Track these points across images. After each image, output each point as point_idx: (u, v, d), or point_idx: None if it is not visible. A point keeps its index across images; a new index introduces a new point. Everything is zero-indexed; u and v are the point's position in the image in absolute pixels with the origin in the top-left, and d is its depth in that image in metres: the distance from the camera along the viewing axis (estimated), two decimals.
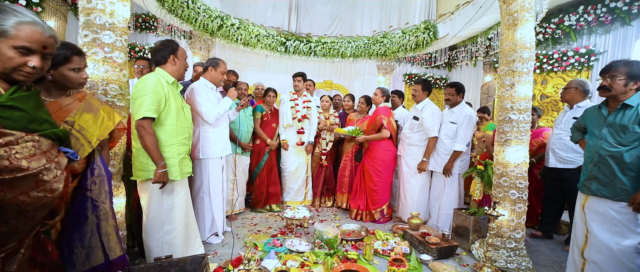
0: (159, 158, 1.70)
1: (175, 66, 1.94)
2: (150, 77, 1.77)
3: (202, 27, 4.53)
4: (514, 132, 2.34)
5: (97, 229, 1.53)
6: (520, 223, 2.34)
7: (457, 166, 2.94)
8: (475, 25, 4.00)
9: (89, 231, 1.50)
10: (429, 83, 3.18)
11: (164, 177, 1.71)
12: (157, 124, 1.80)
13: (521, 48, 2.31)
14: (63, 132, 1.13)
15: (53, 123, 1.11)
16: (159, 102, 1.75)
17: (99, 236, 1.54)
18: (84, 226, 1.48)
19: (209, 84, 2.55)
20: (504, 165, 2.38)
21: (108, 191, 1.55)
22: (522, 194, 2.32)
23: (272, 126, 3.63)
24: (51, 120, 1.11)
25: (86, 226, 1.49)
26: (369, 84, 6.49)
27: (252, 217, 3.37)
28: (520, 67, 2.32)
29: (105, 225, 1.56)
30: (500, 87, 2.45)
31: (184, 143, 1.95)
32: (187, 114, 2.00)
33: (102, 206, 1.54)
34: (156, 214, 1.87)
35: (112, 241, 1.59)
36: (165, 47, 1.88)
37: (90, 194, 1.48)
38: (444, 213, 3.02)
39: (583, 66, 4.27)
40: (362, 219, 3.41)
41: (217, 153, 2.58)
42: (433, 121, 3.00)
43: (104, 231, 1.56)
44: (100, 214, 1.54)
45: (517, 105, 2.34)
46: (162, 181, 1.72)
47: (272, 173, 3.62)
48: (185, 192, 2.01)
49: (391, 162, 3.32)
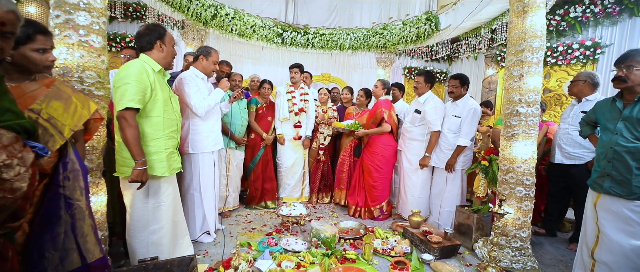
0: (139, 154, 1.56)
1: (162, 53, 1.78)
2: (134, 63, 1.62)
3: (195, 16, 4.35)
4: (522, 126, 2.22)
5: (71, 230, 1.40)
6: (527, 222, 2.24)
7: (460, 161, 2.83)
8: (479, 15, 3.86)
9: (62, 232, 1.36)
10: (432, 75, 3.05)
11: (143, 175, 1.57)
12: (143, 116, 1.66)
13: (531, 37, 2.18)
14: (30, 123, 0.99)
15: (18, 113, 0.97)
16: (144, 91, 1.60)
17: (75, 237, 1.41)
18: (57, 226, 1.35)
19: (199, 74, 2.40)
20: (511, 161, 2.26)
21: (84, 187, 1.41)
22: (529, 191, 2.21)
23: (267, 120, 3.49)
24: (16, 110, 0.97)
25: (59, 226, 1.35)
26: (368, 77, 6.34)
27: (246, 215, 3.25)
28: (529, 57, 2.19)
29: (81, 225, 1.43)
30: (508, 79, 2.32)
31: (172, 136, 1.80)
32: (175, 105, 1.86)
33: (77, 204, 1.40)
34: (141, 214, 1.74)
35: (89, 243, 1.46)
36: (151, 32, 1.73)
37: (63, 190, 1.34)
38: (445, 210, 2.92)
39: (588, 59, 4.16)
40: (360, 216, 3.30)
41: (208, 147, 2.44)
42: (436, 115, 2.87)
43: (80, 231, 1.42)
44: (75, 213, 1.40)
45: (526, 97, 2.22)
46: (141, 180, 1.57)
47: (268, 168, 3.49)
48: (174, 189, 1.88)
49: (391, 158, 3.20)
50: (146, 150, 1.66)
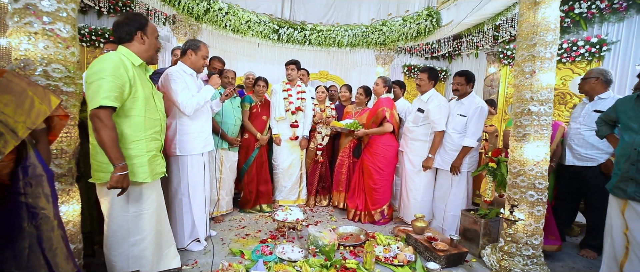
0: (118, 157, 1.39)
1: (144, 45, 1.61)
2: (110, 56, 1.44)
3: (187, 10, 4.16)
4: (534, 125, 2.08)
5: (38, 244, 1.23)
6: (539, 228, 2.09)
7: (465, 163, 2.68)
8: (483, 10, 3.73)
9: (26, 247, 1.19)
10: (435, 71, 2.89)
11: (123, 181, 1.40)
12: (121, 115, 1.49)
13: (544, 30, 2.03)
14: None
15: None
16: (121, 88, 1.42)
17: (42, 252, 1.23)
18: (19, 240, 1.17)
19: (187, 70, 2.23)
20: (522, 163, 2.12)
21: (50, 193, 1.24)
22: (541, 195, 2.07)
23: (262, 119, 3.31)
24: None
25: (22, 240, 1.18)
26: (366, 75, 6.18)
27: (240, 219, 3.08)
28: (542, 51, 2.05)
29: (49, 237, 1.26)
30: (518, 75, 2.18)
31: (155, 138, 1.63)
32: (158, 103, 1.68)
33: (43, 213, 1.23)
34: (120, 223, 1.56)
35: (59, 257, 1.29)
36: (130, 22, 1.55)
37: (25, 199, 1.17)
38: (450, 214, 2.77)
39: (594, 57, 4.03)
40: (360, 220, 3.15)
41: (198, 149, 2.27)
42: (440, 114, 2.72)
43: (48, 244, 1.25)
44: (40, 224, 1.23)
45: (538, 95, 2.07)
46: (121, 186, 1.40)
47: (263, 170, 3.32)
48: (157, 196, 1.71)
49: (393, 159, 3.05)
50: (125, 153, 1.49)
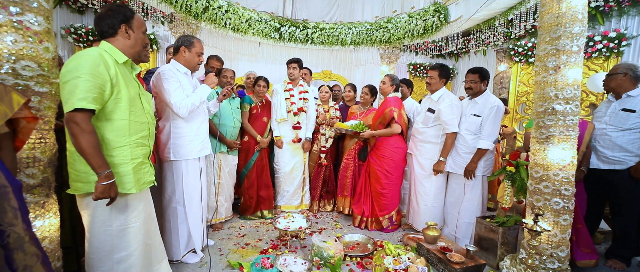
0: (102, 165, 1.23)
1: (129, 40, 1.45)
2: (88, 52, 1.29)
3: (185, 8, 4.01)
4: (559, 126, 1.89)
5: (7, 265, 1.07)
6: (565, 239, 1.91)
7: (480, 166, 2.50)
8: (494, 4, 3.53)
9: None
10: (447, 69, 2.71)
11: (110, 190, 1.25)
12: (102, 119, 1.33)
13: (570, 20, 1.84)
14: None
15: None
16: (101, 88, 1.27)
17: None
18: None
19: (181, 68, 2.07)
20: (545, 167, 1.93)
21: (18, 207, 1.08)
22: (568, 203, 1.88)
23: (262, 120, 3.15)
24: None
25: None
26: (371, 74, 6.01)
27: (240, 226, 2.92)
28: (568, 45, 1.86)
29: (21, 257, 1.10)
30: (541, 71, 1.99)
31: (142, 144, 1.47)
32: (146, 105, 1.52)
33: (11, 230, 1.08)
34: (103, 239, 1.41)
35: None
36: (113, 14, 1.40)
37: None
38: (463, 222, 2.59)
39: (612, 52, 3.82)
40: (367, 226, 2.98)
41: (193, 153, 2.11)
42: (452, 114, 2.54)
43: (20, 264, 1.10)
44: (9, 242, 1.07)
45: (564, 93, 1.88)
46: (108, 196, 1.25)
47: (263, 174, 3.16)
48: (145, 206, 1.55)
49: (401, 162, 2.87)
50: (108, 161, 1.33)
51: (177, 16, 4.32)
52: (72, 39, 4.36)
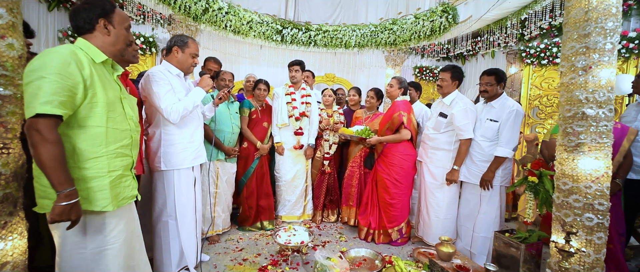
0: (63, 182, 1.06)
1: (110, 37, 1.29)
2: (59, 49, 1.12)
3: (183, 10, 3.88)
4: (591, 133, 1.69)
5: None
6: (599, 259, 1.70)
7: (498, 176, 2.30)
8: (507, 3, 3.35)
9: None
10: (459, 70, 2.52)
11: (70, 212, 1.07)
12: (74, 126, 1.16)
13: (603, 15, 1.66)
14: None
15: None
16: (71, 90, 1.10)
17: None
18: None
19: (173, 70, 1.91)
20: (574, 178, 1.73)
21: None
22: (603, 219, 1.68)
23: (263, 126, 2.98)
24: None
25: None
26: (375, 78, 5.84)
27: (238, 239, 2.74)
28: (601, 42, 1.67)
29: None
30: (568, 72, 1.80)
31: (123, 154, 1.30)
32: (129, 110, 1.35)
33: None
34: (76, 264, 1.23)
35: None
36: (90, 7, 1.24)
37: None
38: (480, 236, 2.38)
39: (632, 53, 3.62)
40: (374, 239, 2.78)
41: (186, 162, 1.94)
42: (467, 119, 2.35)
43: None
44: None
45: (596, 95, 1.69)
46: (67, 219, 1.07)
47: (264, 183, 2.98)
48: (128, 224, 1.37)
49: (411, 170, 2.68)
50: (80, 174, 1.17)
51: (176, 18, 4.19)
52: (70, 41, 4.24)
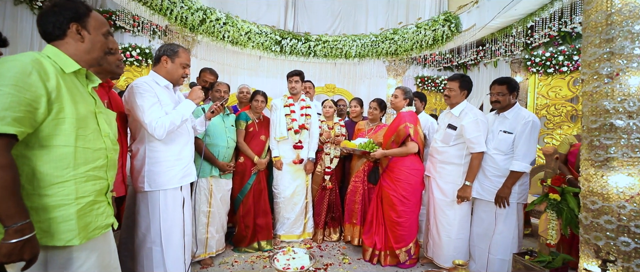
0: (14, 214, 0.88)
1: (84, 44, 1.14)
2: (18, 57, 0.97)
3: (180, 21, 3.79)
4: (621, 146, 1.53)
5: None
6: None
7: (515, 192, 2.12)
8: (513, 10, 3.25)
9: None
10: (468, 79, 2.38)
11: (21, 251, 0.89)
12: (34, 146, 1.00)
13: (629, 18, 1.51)
14: None
15: None
16: (31, 104, 0.94)
17: None
18: None
19: (161, 81, 1.76)
20: (604, 197, 1.56)
21: None
22: None
23: (260, 139, 2.82)
24: None
25: None
26: (376, 88, 5.73)
27: (232, 262, 2.53)
28: (628, 47, 1.52)
29: None
30: (591, 80, 1.65)
31: (96, 177, 1.13)
32: (104, 126, 1.18)
33: None
34: None
35: None
36: (60, 10, 1.09)
37: None
38: (496, 258, 2.18)
39: None
40: (380, 261, 2.57)
41: (173, 182, 1.76)
42: (478, 131, 2.19)
43: None
44: None
45: (625, 105, 1.53)
46: (19, 259, 0.90)
47: (261, 200, 2.79)
48: (100, 257, 1.19)
49: (419, 186, 2.50)
50: (40, 203, 1.00)
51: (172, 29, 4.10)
52: None
